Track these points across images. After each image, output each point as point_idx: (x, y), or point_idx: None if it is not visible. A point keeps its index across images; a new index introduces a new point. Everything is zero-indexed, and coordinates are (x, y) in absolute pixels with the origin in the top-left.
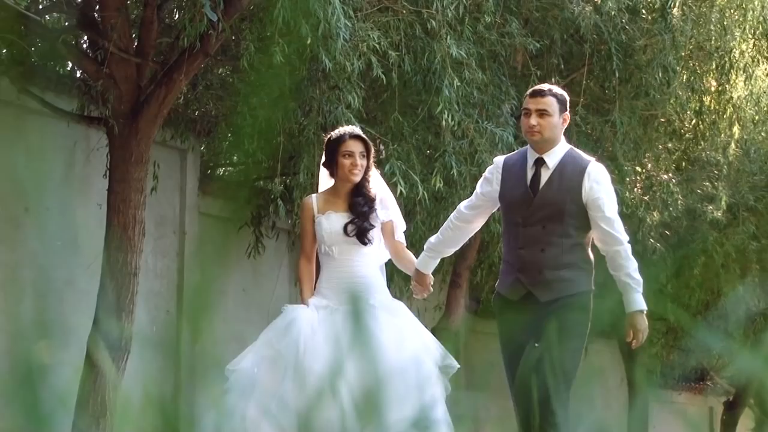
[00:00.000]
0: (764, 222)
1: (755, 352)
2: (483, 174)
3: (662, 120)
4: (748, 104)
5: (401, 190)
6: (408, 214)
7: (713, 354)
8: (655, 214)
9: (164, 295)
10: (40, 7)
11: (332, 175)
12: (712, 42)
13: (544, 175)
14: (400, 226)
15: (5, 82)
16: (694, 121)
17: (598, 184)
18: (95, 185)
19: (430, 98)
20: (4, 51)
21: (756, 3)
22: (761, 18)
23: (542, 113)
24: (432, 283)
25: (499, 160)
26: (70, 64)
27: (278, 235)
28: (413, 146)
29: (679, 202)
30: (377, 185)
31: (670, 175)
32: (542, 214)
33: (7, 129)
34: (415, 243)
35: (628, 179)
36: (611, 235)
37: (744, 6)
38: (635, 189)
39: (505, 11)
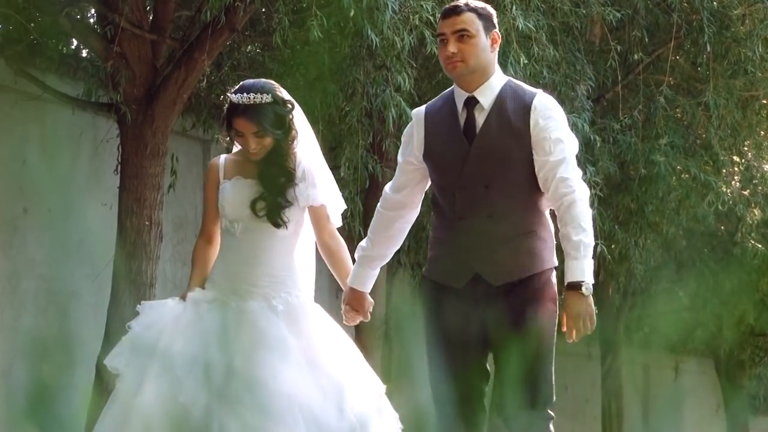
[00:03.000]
0: None
1: None
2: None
3: (764, 102)
4: None
5: None
6: None
7: None
8: (756, 212)
9: None
10: None
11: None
12: None
13: (480, 119)
14: (335, 207)
15: (0, 64)
16: None
17: (550, 120)
18: (104, 182)
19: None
20: None
21: None
22: None
23: (462, 35)
24: (371, 308)
25: (419, 110)
26: (75, 42)
27: None
28: None
29: None
30: (306, 153)
31: None
32: (483, 169)
33: (3, 117)
34: None
35: (724, 171)
36: (554, 183)
37: None
38: (733, 182)
39: None
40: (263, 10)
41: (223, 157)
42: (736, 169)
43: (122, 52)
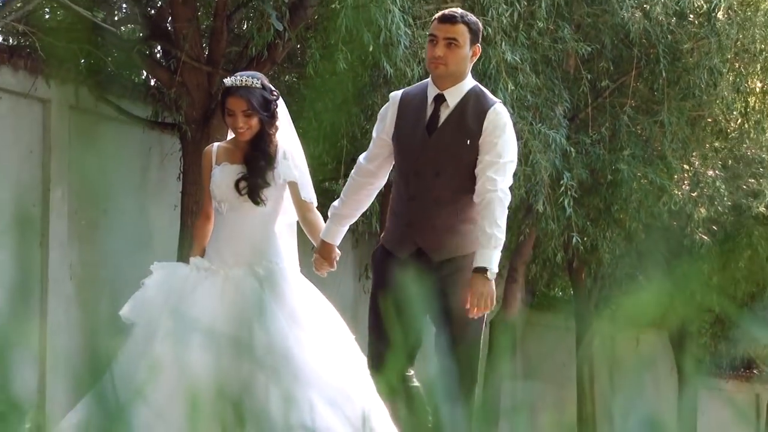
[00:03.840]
0: None
1: None
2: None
3: (709, 120)
4: None
5: None
6: None
7: (759, 344)
8: (702, 210)
9: None
10: (116, 18)
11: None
12: (757, 44)
13: (443, 114)
14: (307, 184)
15: (83, 91)
16: (739, 121)
17: (499, 129)
18: (169, 188)
19: None
20: (83, 61)
21: None
22: None
23: (451, 43)
24: (337, 258)
25: (396, 94)
26: (145, 73)
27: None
28: None
29: (725, 198)
30: (285, 138)
31: (717, 172)
32: (437, 159)
33: (86, 135)
34: None
35: (676, 176)
36: (480, 180)
37: None
38: (683, 186)
39: (558, 17)
40: (298, 46)
41: (216, 144)
42: (685, 175)
43: (183, 82)
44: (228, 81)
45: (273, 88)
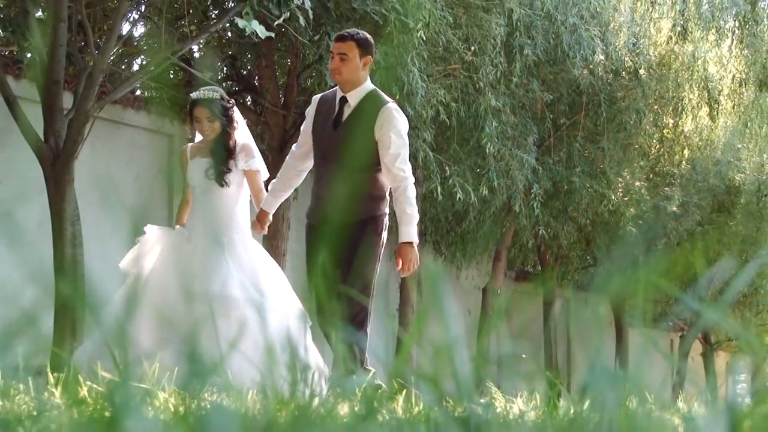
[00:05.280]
0: (706, 213)
1: (704, 305)
2: None
3: (636, 146)
4: (694, 135)
5: (460, 196)
6: (464, 212)
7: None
8: (631, 210)
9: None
10: (219, 77)
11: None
12: (670, 93)
13: (346, 112)
14: (261, 166)
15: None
16: (657, 147)
17: (389, 124)
18: None
19: (477, 134)
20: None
21: (699, 65)
22: (704, 76)
23: (342, 57)
24: (269, 223)
25: (316, 97)
26: None
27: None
28: (467, 166)
29: (647, 201)
30: (242, 135)
31: (642, 183)
32: (340, 147)
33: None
34: (465, 236)
35: (613, 187)
36: (392, 171)
37: (691, 68)
38: (618, 193)
39: (529, 75)
40: None
41: (189, 145)
42: (619, 185)
43: (266, 121)
44: (194, 95)
45: (229, 98)
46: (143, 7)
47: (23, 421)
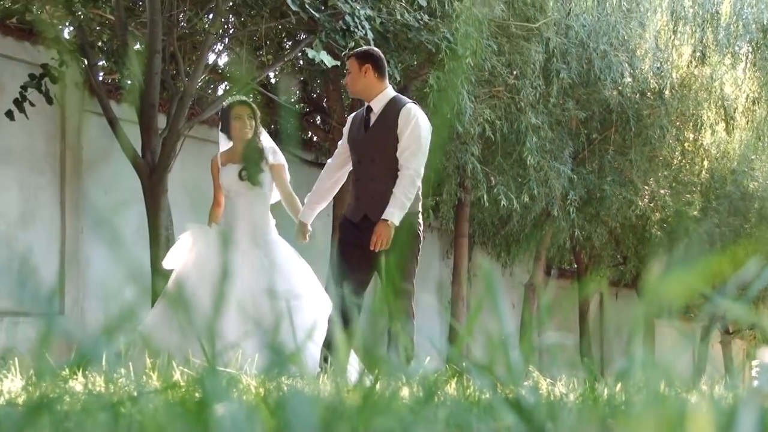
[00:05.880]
0: (723, 217)
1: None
2: None
3: (660, 158)
4: (712, 148)
5: (504, 203)
6: (508, 217)
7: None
8: (656, 214)
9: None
10: (292, 100)
11: (229, 137)
12: (690, 111)
13: (373, 119)
14: (286, 170)
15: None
16: (679, 158)
17: (406, 120)
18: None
19: (519, 148)
20: (271, 126)
21: (716, 86)
22: (720, 96)
23: (347, 72)
24: (310, 232)
25: (350, 115)
26: (309, 133)
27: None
28: (510, 177)
29: (670, 206)
30: (266, 141)
31: (666, 190)
32: (371, 150)
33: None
34: (509, 237)
35: (640, 193)
36: (407, 160)
37: (709, 89)
38: (644, 199)
39: (565, 95)
40: None
41: (219, 153)
42: (646, 192)
43: (333, 137)
44: (231, 99)
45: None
46: (227, 39)
47: (125, 403)
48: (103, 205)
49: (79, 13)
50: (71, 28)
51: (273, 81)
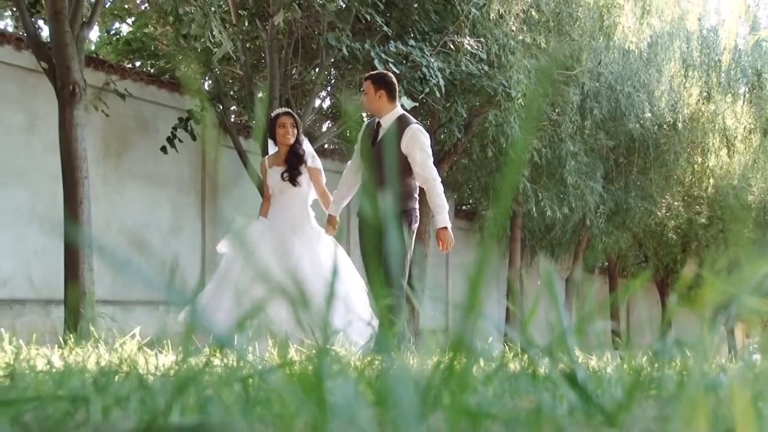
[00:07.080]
0: (726, 225)
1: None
2: None
3: (674, 177)
4: (717, 168)
5: (549, 214)
6: (552, 225)
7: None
8: (672, 222)
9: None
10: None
11: (275, 143)
12: (699, 139)
13: (380, 133)
14: (322, 174)
15: None
16: (690, 177)
17: (413, 141)
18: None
19: (560, 170)
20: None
21: (720, 119)
22: (723, 127)
23: (364, 92)
24: (338, 226)
25: (365, 123)
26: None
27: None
28: (553, 193)
29: (683, 215)
30: (307, 147)
31: (679, 203)
32: (379, 161)
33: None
34: (553, 241)
35: (658, 205)
36: (422, 175)
37: (714, 121)
38: (662, 210)
39: (597, 128)
40: (468, 144)
41: (266, 157)
42: (663, 205)
43: None
44: (278, 111)
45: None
46: (330, 87)
47: (253, 377)
48: (234, 220)
49: (216, 69)
50: (210, 81)
51: (365, 118)
